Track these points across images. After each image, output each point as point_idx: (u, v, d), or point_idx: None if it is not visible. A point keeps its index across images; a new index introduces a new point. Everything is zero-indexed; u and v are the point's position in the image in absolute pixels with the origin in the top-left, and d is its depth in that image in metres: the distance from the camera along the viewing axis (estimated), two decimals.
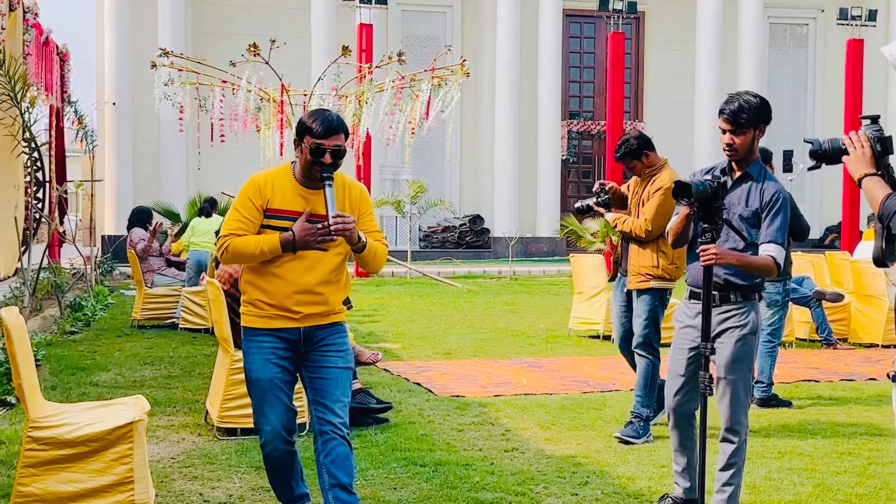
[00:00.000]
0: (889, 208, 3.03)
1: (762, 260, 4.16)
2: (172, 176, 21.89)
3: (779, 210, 4.18)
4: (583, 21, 25.90)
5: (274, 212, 3.84)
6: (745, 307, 4.25)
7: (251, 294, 3.93)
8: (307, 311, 3.88)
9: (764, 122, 4.26)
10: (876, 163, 3.19)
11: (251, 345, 3.93)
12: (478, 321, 11.91)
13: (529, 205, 24.01)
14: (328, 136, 3.80)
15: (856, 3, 23.52)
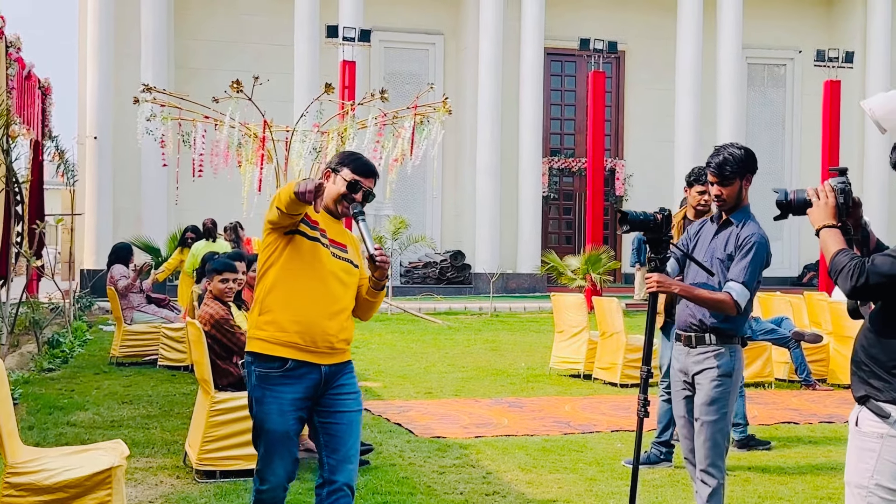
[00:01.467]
0: (836, 265, 3.09)
1: (715, 294, 4.22)
2: (153, 210, 21.84)
3: (748, 251, 4.25)
4: (564, 60, 26.14)
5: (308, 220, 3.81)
6: (720, 349, 4.29)
7: (277, 313, 3.75)
8: (336, 344, 3.80)
9: (750, 172, 4.35)
10: (838, 215, 3.23)
11: (267, 393, 3.75)
12: (459, 359, 11.90)
13: (510, 241, 24.08)
14: (367, 175, 3.88)
15: (833, 45, 23.89)
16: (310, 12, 22.59)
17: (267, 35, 23.95)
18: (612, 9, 25.67)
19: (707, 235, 4.47)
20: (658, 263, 4.24)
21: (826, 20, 27.09)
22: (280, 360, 3.75)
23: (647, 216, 4.24)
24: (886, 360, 3.10)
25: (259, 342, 3.78)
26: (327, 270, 3.79)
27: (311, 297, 3.75)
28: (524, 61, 23.94)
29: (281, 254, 3.79)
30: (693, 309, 4.36)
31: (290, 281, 3.76)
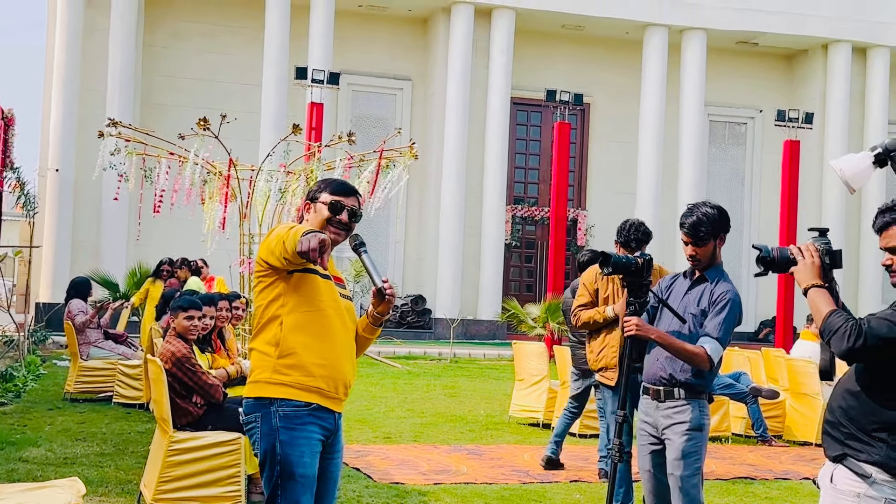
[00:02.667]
0: (830, 326, 3.13)
1: (691, 347, 4.24)
2: (112, 245, 21.63)
3: (723, 308, 4.28)
4: (530, 110, 26.43)
5: None
6: (689, 404, 4.31)
7: (302, 356, 3.48)
8: (345, 393, 3.60)
9: (723, 232, 4.39)
10: (823, 275, 3.29)
11: (297, 433, 3.47)
12: (418, 404, 11.84)
13: (472, 287, 24.13)
14: (348, 194, 3.68)
15: (793, 106, 24.38)
16: (279, 53, 22.70)
17: (235, 74, 23.99)
18: (578, 62, 26.06)
19: (679, 290, 4.49)
20: (637, 307, 4.28)
21: (787, 82, 27.70)
22: (307, 402, 3.52)
23: (629, 259, 4.29)
24: (867, 422, 3.14)
25: (283, 388, 3.49)
26: (339, 311, 3.59)
27: (333, 338, 3.54)
28: (491, 109, 24.18)
29: (292, 292, 3.52)
30: (664, 363, 4.36)
31: (310, 321, 3.51)
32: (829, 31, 25.61)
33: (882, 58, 26.07)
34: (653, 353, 4.42)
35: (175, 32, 23.97)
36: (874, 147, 3.18)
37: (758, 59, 27.36)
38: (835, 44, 25.88)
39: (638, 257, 4.31)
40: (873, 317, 3.13)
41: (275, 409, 3.50)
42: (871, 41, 25.89)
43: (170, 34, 23.94)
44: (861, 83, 26.33)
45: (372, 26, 25.10)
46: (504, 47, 24.16)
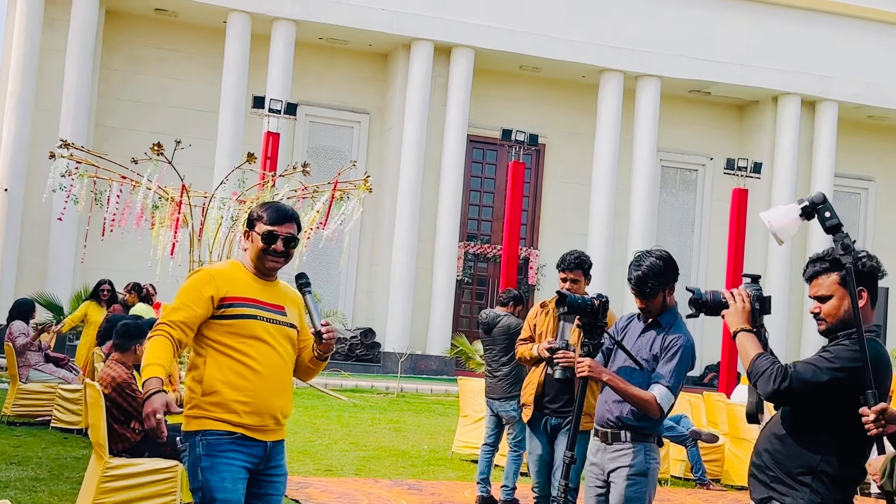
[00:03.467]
0: (757, 369, 3.21)
1: (640, 392, 4.21)
2: (59, 267, 21.35)
3: (674, 355, 4.26)
4: (486, 148, 26.66)
5: (231, 300, 3.64)
6: (635, 447, 4.28)
7: (224, 394, 3.56)
8: (281, 419, 3.68)
9: (671, 282, 4.36)
10: (753, 320, 3.38)
11: (219, 460, 3.55)
12: (362, 437, 11.80)
13: (422, 322, 24.14)
14: (281, 223, 3.73)
15: (743, 155, 24.88)
16: (237, 81, 22.72)
17: (192, 100, 23.94)
18: (535, 103, 26.39)
19: (634, 332, 4.46)
20: (591, 349, 4.28)
21: (738, 131, 28.28)
22: (229, 432, 3.60)
23: (584, 300, 4.28)
24: (792, 466, 3.21)
25: (206, 420, 3.59)
26: (266, 344, 3.65)
27: (259, 374, 3.61)
28: (447, 146, 24.36)
29: (215, 331, 3.64)
30: (611, 405, 4.34)
31: (233, 360, 3.61)
32: (779, 84, 26.24)
33: (830, 111, 26.74)
34: (603, 394, 4.41)
35: (133, 56, 23.89)
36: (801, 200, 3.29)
37: (710, 107, 27.92)
38: (784, 96, 26.52)
39: (594, 298, 4.30)
40: (800, 361, 3.23)
41: (198, 439, 3.60)
42: (820, 95, 26.57)
43: (127, 58, 23.85)
44: (809, 135, 26.96)
45: (332, 59, 25.23)
46: (462, 85, 24.41)
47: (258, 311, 3.69)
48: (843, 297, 3.24)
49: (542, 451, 5.74)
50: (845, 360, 3.14)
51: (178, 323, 3.59)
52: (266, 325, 3.69)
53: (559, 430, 5.68)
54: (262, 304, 3.71)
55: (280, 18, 23.10)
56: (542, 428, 5.74)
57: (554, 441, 5.74)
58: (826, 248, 3.34)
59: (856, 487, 3.24)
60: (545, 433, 5.73)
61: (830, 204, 3.19)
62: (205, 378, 3.61)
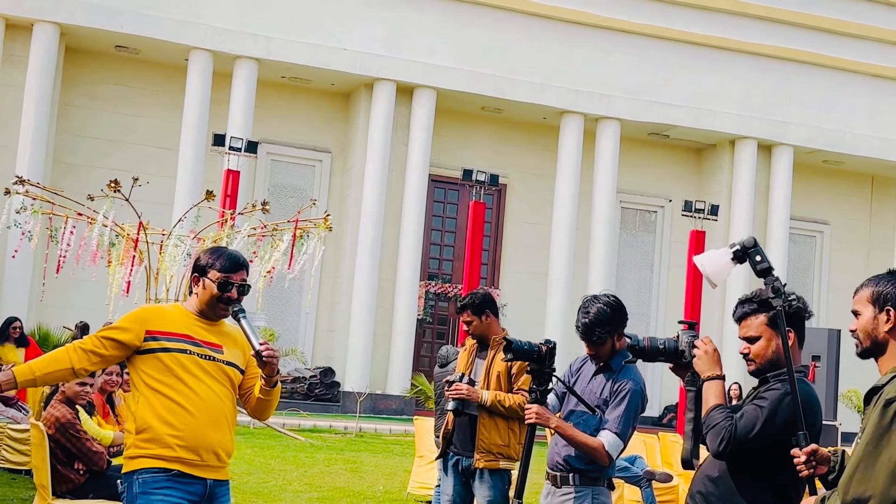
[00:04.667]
0: (711, 421, 3.25)
1: (588, 439, 4.20)
2: (13, 305, 20.97)
3: (622, 400, 4.24)
4: (447, 187, 26.78)
5: (160, 334, 3.63)
6: (582, 491, 4.26)
7: (157, 430, 3.55)
8: (217, 459, 3.63)
9: (619, 328, 4.34)
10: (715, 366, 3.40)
11: (154, 498, 3.51)
12: (317, 478, 11.69)
13: (382, 361, 24.04)
14: (235, 270, 3.74)
15: (700, 197, 25.20)
16: (198, 118, 22.68)
17: (152, 137, 23.85)
18: (496, 143, 26.60)
19: (586, 375, 4.46)
20: (539, 395, 4.22)
21: (696, 173, 28.65)
22: (166, 469, 3.56)
23: (531, 346, 4.23)
24: None
25: (142, 459, 3.58)
26: (198, 378, 3.63)
27: (192, 409, 3.59)
28: (408, 185, 24.43)
29: (143, 369, 3.64)
30: (560, 448, 4.33)
31: (160, 396, 3.59)
32: (736, 128, 26.67)
33: (785, 155, 27.19)
34: (554, 437, 4.39)
35: (92, 93, 23.79)
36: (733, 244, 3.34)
37: (669, 150, 28.28)
38: (741, 140, 26.94)
39: (542, 344, 4.26)
40: (741, 418, 3.25)
41: (135, 478, 3.57)
42: (775, 139, 27.02)
43: (87, 94, 23.74)
44: (766, 178, 27.37)
45: (294, 97, 25.30)
46: (424, 125, 24.54)
47: (189, 346, 3.68)
48: (770, 337, 3.30)
49: (451, 491, 5.66)
50: (777, 403, 3.19)
51: (94, 350, 3.62)
52: (199, 360, 3.67)
53: (472, 472, 5.57)
54: (195, 341, 3.70)
55: (242, 57, 23.14)
56: (453, 468, 5.66)
57: (468, 482, 5.63)
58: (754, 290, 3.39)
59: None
60: (457, 473, 5.64)
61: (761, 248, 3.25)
62: (137, 416, 3.63)
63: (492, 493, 5.48)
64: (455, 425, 5.68)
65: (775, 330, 3.26)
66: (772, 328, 3.27)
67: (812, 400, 3.21)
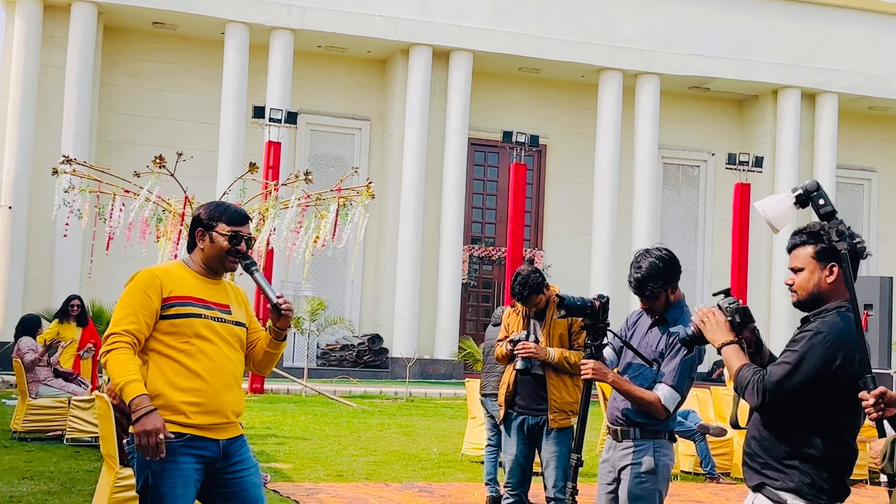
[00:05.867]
0: (741, 381, 3.24)
1: (645, 393, 4.18)
2: (65, 283, 21.40)
3: (677, 352, 4.19)
4: (487, 150, 26.70)
5: (175, 299, 3.62)
6: (643, 445, 4.24)
7: (169, 396, 3.53)
8: (231, 417, 3.64)
9: (672, 282, 4.29)
10: (735, 331, 3.38)
11: (168, 465, 3.49)
12: (371, 443, 11.82)
13: (428, 326, 24.16)
14: (243, 223, 3.75)
15: (744, 150, 24.90)
16: (237, 92, 22.79)
17: (192, 112, 24.03)
18: (535, 104, 26.43)
19: (642, 328, 4.42)
20: (594, 350, 4.21)
21: (738, 126, 28.28)
22: (178, 433, 3.56)
23: (584, 302, 4.21)
24: (778, 451, 3.24)
25: None
26: (211, 342, 3.64)
27: (205, 373, 3.60)
28: (448, 150, 24.40)
29: (154, 336, 3.62)
30: (619, 402, 4.30)
31: (172, 362, 3.59)
32: (779, 78, 26.25)
33: (830, 103, 26.73)
34: (612, 392, 4.37)
35: (132, 71, 23.99)
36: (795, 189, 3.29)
37: (710, 103, 27.93)
38: (784, 89, 26.51)
39: (595, 299, 4.23)
40: (771, 365, 3.24)
41: None
42: (820, 87, 26.56)
43: (127, 73, 23.94)
44: (810, 128, 26.96)
45: (331, 67, 25.30)
46: (462, 88, 24.45)
47: (202, 310, 3.66)
48: (814, 270, 3.27)
49: (515, 451, 5.67)
50: (806, 346, 3.17)
51: (133, 332, 3.56)
52: (211, 322, 3.67)
53: (538, 430, 5.61)
54: (206, 303, 3.69)
55: (278, 28, 23.18)
56: (517, 428, 5.67)
57: (533, 441, 5.65)
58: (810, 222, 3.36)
59: (848, 468, 3.24)
60: (521, 433, 5.65)
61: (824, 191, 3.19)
62: (148, 382, 3.53)
63: (558, 450, 5.52)
64: (518, 385, 5.68)
65: (820, 263, 3.25)
66: (817, 261, 3.26)
67: (845, 335, 3.17)
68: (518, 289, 5.61)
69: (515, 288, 5.63)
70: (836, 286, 3.24)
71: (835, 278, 3.24)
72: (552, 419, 5.52)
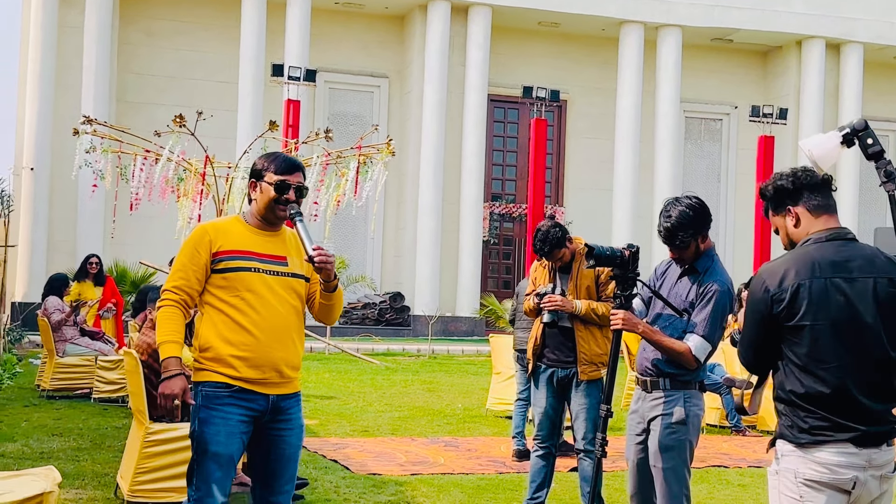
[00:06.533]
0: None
1: (675, 343, 4.14)
2: (88, 244, 21.51)
3: (708, 302, 4.15)
4: (507, 106, 26.51)
5: (224, 254, 3.65)
6: (673, 395, 4.21)
7: (219, 349, 3.59)
8: (285, 371, 3.66)
9: (703, 231, 4.23)
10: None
11: (215, 413, 3.58)
12: (396, 399, 11.88)
13: (450, 284, 24.17)
14: (292, 172, 3.73)
15: (767, 102, 24.60)
16: (255, 51, 22.66)
17: (211, 72, 23.94)
18: (555, 59, 26.16)
19: (672, 277, 4.36)
20: (623, 300, 4.18)
21: (761, 77, 27.91)
22: (227, 384, 3.62)
23: (614, 252, 4.18)
24: (775, 397, 3.17)
25: (205, 372, 3.63)
26: (262, 297, 3.63)
27: (256, 327, 3.60)
28: (468, 106, 24.23)
29: (207, 289, 3.66)
30: (648, 352, 4.28)
31: (223, 315, 3.62)
32: (803, 28, 25.84)
33: (855, 53, 26.32)
34: (641, 342, 4.34)
35: (150, 30, 23.89)
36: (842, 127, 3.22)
37: (732, 55, 27.56)
38: (808, 40, 26.11)
39: (624, 249, 4.20)
40: None
41: (199, 390, 3.65)
42: (844, 37, 26.14)
43: (144, 32, 23.85)
44: (835, 78, 26.58)
45: (348, 23, 25.11)
46: (481, 44, 24.23)
47: (254, 264, 3.66)
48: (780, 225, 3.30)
49: (545, 404, 5.65)
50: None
51: (182, 287, 3.64)
52: (264, 276, 3.67)
53: (567, 382, 5.59)
54: (260, 256, 3.69)
55: None
56: (547, 381, 5.65)
57: (563, 393, 5.63)
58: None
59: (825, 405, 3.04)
60: (551, 386, 5.63)
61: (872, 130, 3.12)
62: (200, 335, 3.64)
63: (588, 401, 5.51)
64: (546, 338, 5.66)
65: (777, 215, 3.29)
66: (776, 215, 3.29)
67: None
68: (539, 245, 5.58)
69: (536, 244, 5.60)
70: (798, 227, 3.22)
71: (795, 220, 3.22)
72: (581, 371, 5.51)
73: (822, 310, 3.02)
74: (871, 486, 3.03)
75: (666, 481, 4.18)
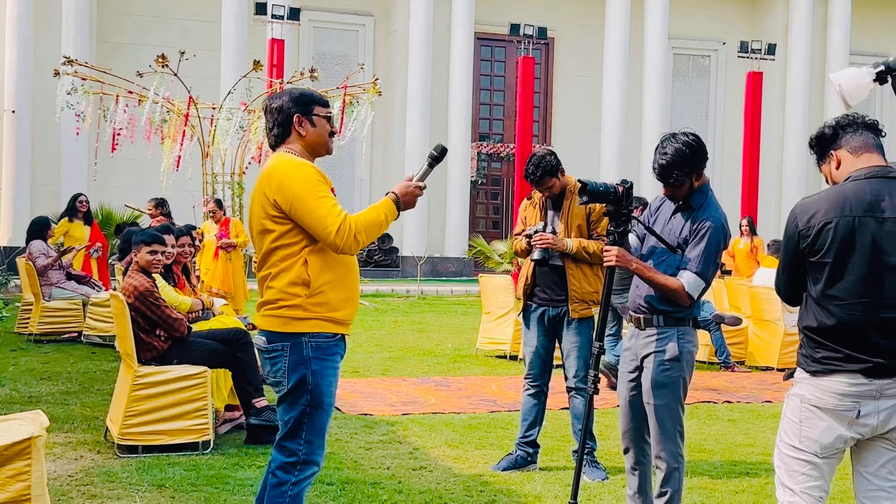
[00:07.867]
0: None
1: (668, 280, 4.09)
2: (72, 187, 21.23)
3: (702, 238, 4.10)
4: (494, 45, 26.20)
5: (333, 191, 3.65)
6: (667, 332, 4.18)
7: (328, 294, 3.50)
8: None
9: (698, 169, 4.15)
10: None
11: (328, 364, 3.54)
12: (386, 340, 11.89)
13: (438, 225, 24.10)
14: (328, 105, 3.78)
15: (756, 37, 24.35)
16: None
17: (194, 11, 23.51)
18: None
19: (666, 213, 4.32)
20: (617, 237, 4.13)
21: (750, 13, 27.63)
22: (334, 333, 3.56)
23: (607, 188, 4.11)
24: (800, 326, 3.27)
25: (314, 321, 3.50)
26: None
27: (353, 273, 3.60)
28: (454, 45, 23.93)
29: (309, 236, 3.52)
30: (642, 289, 4.24)
31: (333, 261, 3.52)
32: None
33: None
34: (635, 279, 4.30)
35: None
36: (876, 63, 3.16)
37: None
38: None
39: (618, 185, 4.12)
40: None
41: (306, 341, 3.51)
42: None
43: None
44: (823, 13, 26.33)
45: None
46: None
47: None
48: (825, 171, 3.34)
49: (536, 343, 5.65)
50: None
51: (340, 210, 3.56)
52: None
53: (558, 321, 5.57)
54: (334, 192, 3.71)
55: None
56: (538, 320, 5.63)
57: (553, 332, 5.62)
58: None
59: (836, 336, 3.14)
60: (541, 325, 5.62)
61: None
62: (311, 280, 3.49)
63: (579, 339, 5.51)
64: (537, 276, 5.63)
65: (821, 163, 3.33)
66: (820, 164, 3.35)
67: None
68: (531, 169, 5.50)
69: (529, 169, 5.52)
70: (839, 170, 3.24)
71: (837, 163, 3.24)
72: (573, 309, 5.49)
73: (846, 248, 3.07)
74: (883, 417, 3.11)
75: (659, 418, 4.17)
